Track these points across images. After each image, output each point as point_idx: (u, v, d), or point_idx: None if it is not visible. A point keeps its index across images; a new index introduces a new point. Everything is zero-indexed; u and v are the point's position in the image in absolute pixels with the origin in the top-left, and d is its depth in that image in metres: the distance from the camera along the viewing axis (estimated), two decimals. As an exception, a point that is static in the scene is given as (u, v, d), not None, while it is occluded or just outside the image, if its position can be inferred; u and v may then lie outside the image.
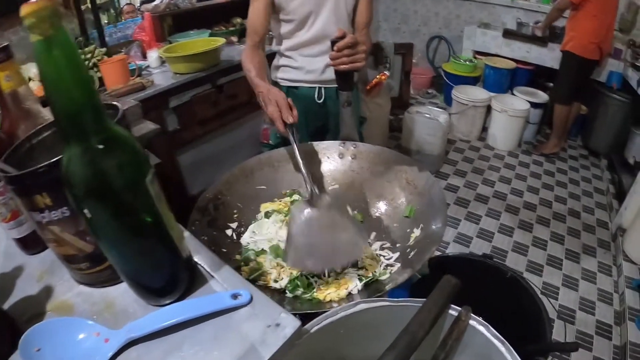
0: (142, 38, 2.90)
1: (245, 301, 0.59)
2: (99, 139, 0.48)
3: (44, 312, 0.67)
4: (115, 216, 0.52)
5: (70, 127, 0.46)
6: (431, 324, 0.64)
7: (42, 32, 0.42)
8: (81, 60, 0.45)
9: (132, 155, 0.51)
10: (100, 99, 0.47)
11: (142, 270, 0.60)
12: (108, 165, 0.48)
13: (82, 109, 0.46)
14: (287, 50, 1.73)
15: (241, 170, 1.26)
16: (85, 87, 0.45)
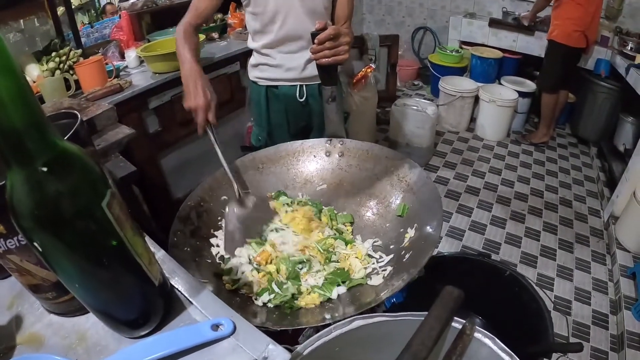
0: (120, 37, 2.81)
1: (227, 332, 0.53)
2: (43, 160, 0.40)
3: (14, 345, 0.61)
4: (70, 247, 0.45)
5: (8, 149, 0.38)
6: (434, 342, 0.59)
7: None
8: (17, 68, 0.37)
9: (84, 175, 0.43)
10: (43, 113, 0.40)
11: (109, 302, 0.53)
12: (55, 190, 0.40)
13: (21, 126, 0.37)
14: (264, 48, 1.66)
15: (223, 174, 1.19)
16: (24, 100, 0.38)
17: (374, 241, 1.07)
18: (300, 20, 1.57)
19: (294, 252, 1.00)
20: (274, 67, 1.68)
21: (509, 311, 1.29)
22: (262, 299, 0.91)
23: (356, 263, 0.98)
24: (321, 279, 0.94)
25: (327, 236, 1.05)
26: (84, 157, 0.44)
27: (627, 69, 3.12)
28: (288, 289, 0.91)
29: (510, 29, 4.17)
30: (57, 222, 0.42)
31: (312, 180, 1.26)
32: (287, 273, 0.95)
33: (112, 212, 0.46)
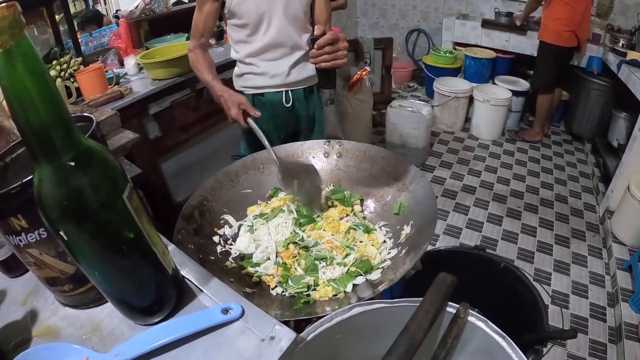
0: (118, 45, 2.85)
1: (236, 315, 0.56)
2: (70, 156, 0.44)
3: (30, 338, 0.64)
4: (93, 236, 0.49)
5: (38, 145, 0.43)
6: (430, 325, 0.62)
7: (1, 44, 0.38)
8: (47, 73, 0.41)
9: (106, 170, 0.48)
10: (69, 113, 0.44)
11: (126, 290, 0.57)
12: (81, 183, 0.45)
13: (50, 124, 0.42)
14: (248, 57, 1.69)
15: (226, 174, 1.24)
16: (53, 101, 0.42)
17: (384, 223, 1.12)
18: (283, 28, 1.61)
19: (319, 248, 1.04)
20: (259, 75, 1.71)
21: (505, 302, 1.33)
22: (277, 290, 0.97)
23: (372, 250, 1.03)
24: (339, 273, 0.98)
25: (350, 225, 1.10)
26: (105, 153, 0.48)
27: (619, 65, 3.16)
28: (304, 282, 0.96)
29: (502, 29, 4.22)
30: (83, 213, 0.46)
31: (312, 181, 1.29)
32: (306, 267, 0.99)
33: (132, 204, 0.50)
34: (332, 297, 0.94)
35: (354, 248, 1.04)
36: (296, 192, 1.19)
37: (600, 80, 3.65)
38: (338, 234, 1.08)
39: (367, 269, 0.98)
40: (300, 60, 1.70)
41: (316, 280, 0.97)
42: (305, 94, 1.78)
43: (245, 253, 1.07)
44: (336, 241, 1.05)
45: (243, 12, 1.57)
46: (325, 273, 0.98)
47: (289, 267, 1.01)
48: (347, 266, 0.99)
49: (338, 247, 1.03)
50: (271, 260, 1.04)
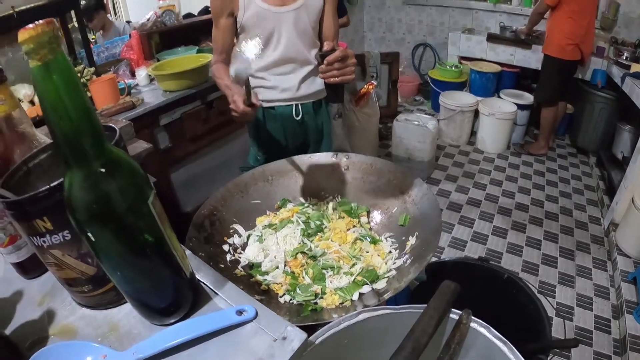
0: (130, 56, 2.90)
1: (250, 317, 0.59)
2: (100, 162, 0.48)
3: (46, 336, 0.66)
4: (119, 238, 0.52)
5: (71, 152, 0.46)
6: (434, 329, 0.65)
7: (41, 57, 0.42)
8: (80, 84, 0.45)
9: (133, 177, 0.51)
10: (100, 122, 0.48)
11: (146, 291, 0.60)
12: (110, 188, 0.48)
13: (83, 133, 0.46)
14: (258, 72, 1.71)
15: (236, 185, 1.27)
16: (85, 111, 0.45)
17: (389, 234, 1.15)
18: (293, 42, 1.64)
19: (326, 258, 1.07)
20: (270, 89, 1.74)
21: (508, 313, 1.34)
22: (285, 297, 0.99)
23: (378, 260, 1.06)
24: (345, 282, 1.00)
25: (357, 236, 1.13)
26: (132, 161, 0.52)
27: (623, 78, 3.19)
28: (312, 290, 0.99)
29: (507, 43, 4.27)
30: (110, 216, 0.50)
31: (319, 193, 1.32)
32: (314, 275, 1.02)
33: (156, 210, 0.54)
34: (339, 305, 0.96)
35: (361, 258, 1.07)
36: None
37: (605, 93, 3.67)
38: (345, 244, 1.10)
39: (373, 278, 1.01)
40: (309, 75, 1.73)
41: (323, 289, 0.99)
42: (314, 108, 1.81)
43: (254, 262, 1.10)
44: (343, 251, 1.07)
45: (253, 27, 1.60)
46: (332, 282, 1.01)
47: (297, 276, 1.04)
48: (354, 275, 1.01)
49: (345, 257, 1.06)
50: (280, 269, 1.06)
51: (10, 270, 0.81)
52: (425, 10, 5.17)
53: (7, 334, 0.67)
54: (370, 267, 1.04)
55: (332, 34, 1.72)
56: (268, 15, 1.58)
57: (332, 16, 1.70)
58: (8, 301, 0.75)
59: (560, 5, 3.37)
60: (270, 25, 1.60)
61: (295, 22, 1.61)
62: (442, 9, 5.05)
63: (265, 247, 1.13)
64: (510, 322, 1.43)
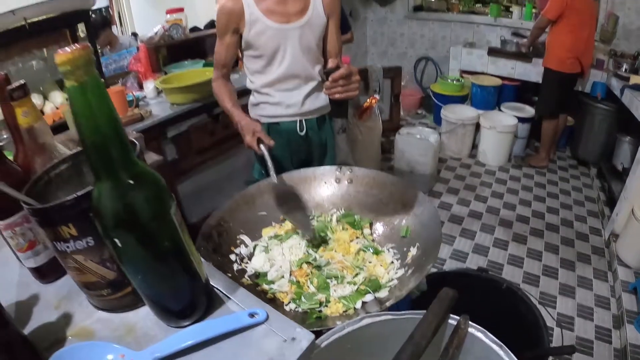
0: (137, 69, 2.96)
1: (262, 319, 0.64)
2: (128, 174, 0.52)
3: (64, 338, 0.70)
4: (143, 245, 0.57)
5: (102, 165, 0.51)
6: (433, 333, 0.69)
7: (77, 78, 0.46)
8: (111, 103, 0.50)
9: (157, 188, 0.56)
10: (128, 138, 0.53)
11: (165, 294, 0.64)
12: (137, 199, 0.53)
13: (113, 147, 0.51)
14: (263, 87, 1.75)
15: (242, 197, 1.32)
16: (116, 127, 0.50)
17: (391, 245, 1.19)
18: (297, 59, 1.68)
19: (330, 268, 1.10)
20: (274, 104, 1.77)
21: (507, 321, 1.37)
22: (290, 306, 1.03)
23: (380, 270, 1.10)
24: (349, 291, 1.04)
25: (360, 247, 1.16)
26: (156, 174, 0.56)
27: (622, 90, 3.23)
28: (316, 298, 1.02)
29: (508, 57, 4.33)
30: (136, 224, 0.54)
31: (323, 204, 1.36)
32: (318, 285, 1.05)
33: (176, 219, 0.59)
34: (343, 313, 1.00)
35: (364, 268, 1.10)
36: (285, 214, 1.28)
37: (605, 105, 3.71)
38: (348, 255, 1.14)
39: (376, 288, 1.04)
40: (313, 91, 1.76)
41: (327, 297, 1.03)
42: (318, 123, 1.84)
43: (260, 271, 1.14)
44: (347, 261, 1.11)
45: (259, 44, 1.64)
46: (336, 291, 1.04)
47: (302, 285, 1.07)
48: (357, 285, 1.05)
49: (348, 267, 1.09)
50: (285, 278, 1.10)
51: (25, 275, 0.85)
52: (427, 24, 5.25)
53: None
54: (372, 276, 1.08)
55: (335, 50, 1.76)
56: (273, 32, 1.62)
57: (336, 33, 1.75)
58: (25, 304, 0.79)
59: (560, 19, 3.43)
60: (275, 42, 1.64)
61: (299, 39, 1.65)
62: (444, 23, 5.13)
63: (271, 257, 1.17)
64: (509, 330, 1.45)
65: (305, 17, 1.64)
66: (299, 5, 1.63)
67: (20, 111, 0.83)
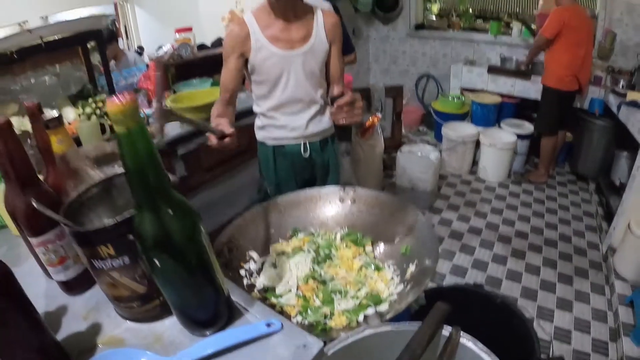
0: (147, 87, 3.03)
1: (277, 328, 0.73)
2: (167, 205, 0.62)
3: (95, 346, 0.78)
4: (178, 264, 0.66)
5: (144, 197, 0.60)
6: (428, 342, 0.76)
7: (126, 125, 0.56)
8: (154, 146, 0.59)
9: (191, 216, 0.65)
10: (167, 174, 0.62)
11: (194, 306, 0.73)
12: (175, 225, 0.63)
13: (155, 183, 0.60)
14: (269, 111, 1.82)
15: (251, 215, 1.39)
16: (157, 166, 0.60)
17: (391, 263, 1.25)
18: (301, 84, 1.75)
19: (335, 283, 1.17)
20: (280, 127, 1.84)
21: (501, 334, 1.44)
22: (297, 318, 1.09)
23: (381, 286, 1.16)
24: (352, 305, 1.11)
25: (363, 264, 1.23)
26: (188, 203, 0.66)
27: (619, 106, 3.29)
28: (322, 312, 1.09)
29: (507, 74, 4.41)
30: (173, 246, 0.64)
31: (328, 223, 1.42)
32: (323, 299, 1.12)
33: (206, 241, 0.67)
34: (346, 325, 1.07)
35: (365, 283, 1.17)
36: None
37: (602, 121, 3.78)
38: (352, 271, 1.21)
39: (377, 302, 1.11)
40: (316, 114, 1.83)
41: (332, 311, 1.09)
42: (321, 145, 1.91)
43: (269, 286, 1.20)
44: (350, 277, 1.18)
45: (264, 69, 1.71)
46: (340, 304, 1.11)
47: (308, 299, 1.14)
48: (359, 299, 1.12)
49: (351, 283, 1.17)
50: (292, 292, 1.17)
51: (51, 287, 0.93)
52: (428, 42, 5.36)
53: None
54: (374, 291, 1.15)
55: (338, 75, 1.83)
56: (277, 58, 1.69)
57: (338, 58, 1.82)
58: (54, 314, 0.87)
59: (557, 37, 3.51)
60: (280, 67, 1.71)
61: (303, 64, 1.72)
62: (445, 41, 5.24)
63: (279, 272, 1.23)
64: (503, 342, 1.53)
65: (308, 44, 1.71)
66: (303, 32, 1.70)
67: (56, 139, 0.93)
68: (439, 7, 5.54)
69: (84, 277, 0.89)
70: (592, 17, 3.94)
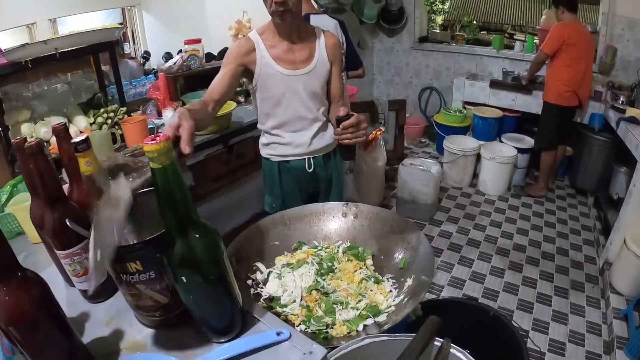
0: (156, 97, 3.12)
1: (286, 337, 0.82)
2: (194, 230, 0.70)
3: (118, 350, 0.85)
4: (202, 279, 0.75)
5: (174, 223, 0.69)
6: (420, 351, 0.84)
7: (160, 163, 0.64)
8: (183, 179, 0.68)
9: (214, 238, 0.74)
10: (193, 203, 0.70)
11: (214, 316, 0.83)
12: (200, 247, 0.71)
13: (184, 212, 0.69)
14: (273, 129, 1.87)
15: (258, 228, 1.46)
16: (186, 198, 0.69)
17: (390, 275, 1.32)
18: (304, 103, 1.81)
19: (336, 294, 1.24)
20: (285, 145, 1.90)
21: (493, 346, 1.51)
22: (300, 327, 1.16)
23: (380, 298, 1.23)
24: (352, 315, 1.17)
25: (363, 277, 1.30)
26: (211, 227, 0.74)
27: (618, 122, 3.32)
28: (324, 321, 1.16)
29: (509, 89, 4.45)
30: (198, 264, 0.73)
31: (331, 237, 1.49)
32: (325, 309, 1.19)
33: (226, 260, 0.76)
34: (346, 334, 1.14)
35: (365, 295, 1.24)
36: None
37: (602, 136, 3.83)
38: (353, 283, 1.28)
39: (376, 313, 1.19)
40: (319, 131, 1.90)
41: (333, 320, 1.16)
42: (324, 160, 1.98)
43: (274, 296, 1.27)
44: (351, 289, 1.25)
45: (268, 86, 1.77)
46: (341, 315, 1.18)
47: (312, 309, 1.21)
48: (359, 310, 1.19)
49: (352, 294, 1.23)
50: (296, 302, 1.24)
51: (72, 294, 1.00)
52: (432, 55, 5.44)
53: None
54: (373, 303, 1.22)
55: (338, 93, 1.89)
56: (281, 77, 1.76)
57: (338, 77, 1.88)
58: (77, 320, 0.94)
59: (558, 53, 3.58)
60: (282, 86, 1.77)
61: (305, 84, 1.78)
62: (448, 55, 5.31)
63: (283, 283, 1.30)
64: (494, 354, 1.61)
65: (311, 65, 1.78)
66: (306, 53, 1.77)
67: (84, 161, 1.00)
68: (443, 19, 5.60)
69: (106, 286, 0.96)
70: (593, 32, 3.99)
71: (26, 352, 0.71)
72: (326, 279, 1.30)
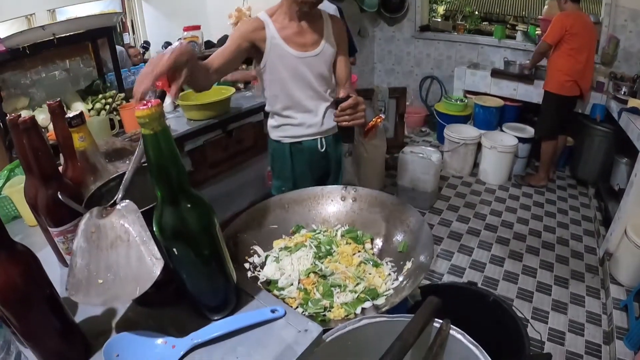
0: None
1: (281, 314, 0.80)
2: (186, 200, 0.68)
3: (111, 329, 0.84)
4: (194, 253, 0.73)
5: (166, 192, 0.67)
6: (419, 332, 0.83)
7: (152, 128, 0.62)
8: (175, 147, 0.66)
9: (206, 210, 0.72)
10: (187, 172, 0.68)
11: (206, 292, 0.81)
12: (192, 218, 0.69)
13: (175, 180, 0.67)
14: (284, 110, 1.86)
15: (256, 211, 1.44)
16: (179, 166, 0.66)
17: (389, 259, 1.31)
18: (312, 85, 1.81)
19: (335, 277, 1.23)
20: (297, 125, 1.88)
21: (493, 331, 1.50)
22: (298, 310, 1.14)
23: (379, 281, 1.22)
24: (350, 298, 1.16)
25: (362, 260, 1.28)
26: (204, 198, 0.72)
27: (620, 112, 3.33)
28: (321, 304, 1.14)
29: (510, 78, 4.43)
30: (190, 236, 0.70)
31: (329, 220, 1.48)
32: (323, 292, 1.18)
33: (218, 233, 0.74)
34: (344, 317, 1.13)
35: (364, 278, 1.23)
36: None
37: (603, 127, 3.83)
38: (351, 266, 1.26)
39: (374, 296, 1.17)
40: (328, 110, 1.89)
41: (331, 303, 1.15)
42: (334, 139, 1.98)
43: (271, 279, 1.26)
44: (349, 272, 1.23)
45: (278, 67, 1.77)
46: (339, 298, 1.16)
47: (309, 292, 1.19)
48: (358, 293, 1.17)
49: (350, 277, 1.22)
50: (294, 285, 1.22)
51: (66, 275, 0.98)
52: (433, 44, 5.41)
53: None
54: (372, 286, 1.20)
55: (344, 76, 1.89)
56: (290, 59, 1.75)
57: (344, 61, 1.88)
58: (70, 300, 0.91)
59: (560, 43, 3.56)
60: (292, 68, 1.77)
61: (314, 67, 1.78)
62: (449, 44, 5.29)
63: (281, 266, 1.28)
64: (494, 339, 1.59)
65: (319, 47, 1.78)
66: (315, 36, 1.77)
67: (77, 136, 0.99)
68: (445, 9, 5.57)
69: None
70: (596, 23, 3.96)
71: (17, 330, 0.70)
72: (324, 262, 1.29)
